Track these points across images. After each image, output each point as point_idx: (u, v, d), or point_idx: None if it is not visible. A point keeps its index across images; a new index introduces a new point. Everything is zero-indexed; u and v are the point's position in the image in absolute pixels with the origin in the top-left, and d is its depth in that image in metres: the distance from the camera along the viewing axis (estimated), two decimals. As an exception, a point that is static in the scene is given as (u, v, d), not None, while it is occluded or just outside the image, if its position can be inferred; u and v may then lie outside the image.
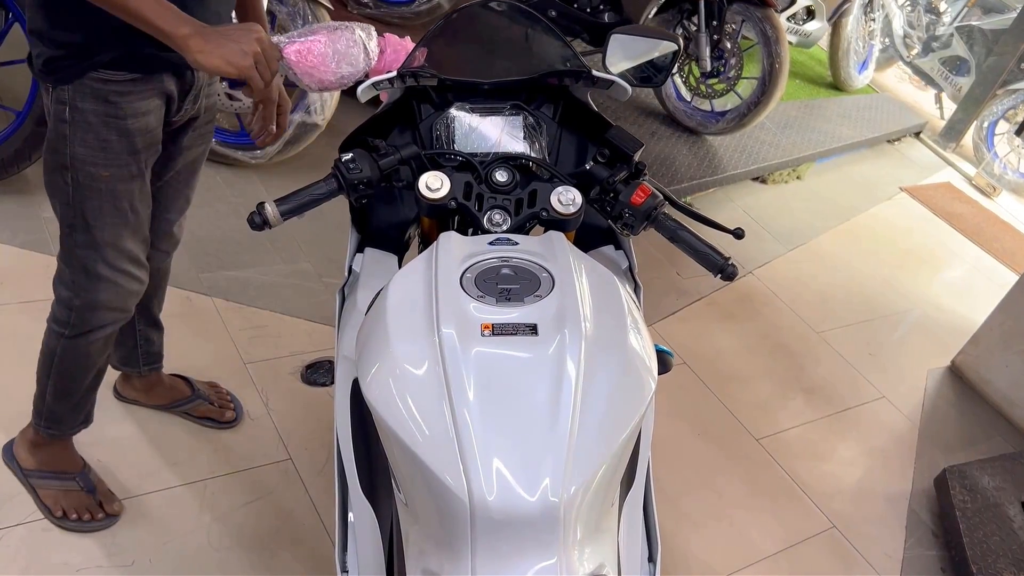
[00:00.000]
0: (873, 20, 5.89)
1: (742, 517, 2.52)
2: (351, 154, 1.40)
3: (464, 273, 1.24)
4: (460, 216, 1.50)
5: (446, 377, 1.10)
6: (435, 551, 1.10)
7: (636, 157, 1.49)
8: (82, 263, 1.64)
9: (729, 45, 4.18)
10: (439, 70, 1.55)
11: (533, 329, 1.15)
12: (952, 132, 5.84)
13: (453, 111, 1.59)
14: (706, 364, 3.11)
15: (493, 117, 1.61)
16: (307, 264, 2.91)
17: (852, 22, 5.61)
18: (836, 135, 5.04)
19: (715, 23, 4.10)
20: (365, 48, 1.51)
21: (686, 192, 4.02)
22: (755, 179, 4.43)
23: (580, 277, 1.25)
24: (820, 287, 3.80)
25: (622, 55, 1.61)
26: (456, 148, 1.57)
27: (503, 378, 1.11)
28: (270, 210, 1.37)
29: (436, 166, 1.53)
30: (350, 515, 1.47)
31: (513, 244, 1.32)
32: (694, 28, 4.13)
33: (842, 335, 3.53)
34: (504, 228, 1.43)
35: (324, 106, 3.13)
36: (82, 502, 1.92)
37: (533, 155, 1.58)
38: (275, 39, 1.44)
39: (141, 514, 2.00)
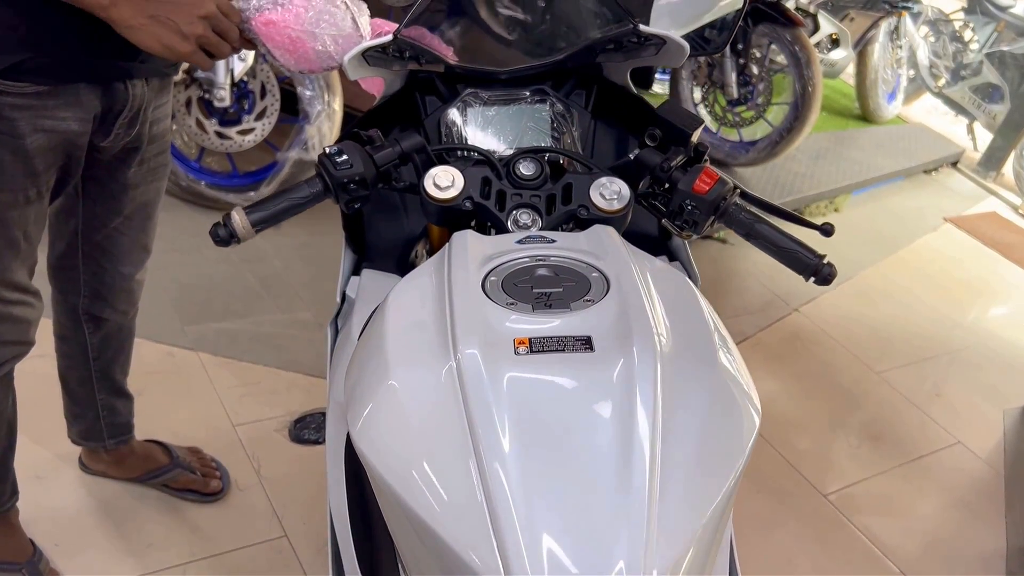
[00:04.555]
0: (900, 47, 5.63)
1: (818, 587, 2.15)
2: (339, 147, 1.11)
3: (487, 276, 0.92)
4: (478, 221, 1.20)
5: (469, 415, 0.78)
6: None
7: (695, 137, 1.19)
8: None
9: (756, 70, 3.91)
10: (445, 53, 1.27)
11: (587, 343, 0.82)
12: (992, 161, 5.53)
13: (464, 102, 1.30)
14: (758, 411, 2.75)
15: (513, 107, 1.32)
16: (306, 313, 2.60)
17: (879, 49, 5.36)
18: (872, 165, 4.74)
19: (740, 47, 3.84)
20: (355, 22, 1.22)
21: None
22: (791, 212, 4.12)
23: (643, 276, 0.93)
24: (872, 323, 3.46)
25: (670, 20, 1.31)
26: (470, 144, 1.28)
27: (549, 414, 0.79)
28: (238, 220, 1.07)
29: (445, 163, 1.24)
30: None
31: (549, 241, 1.01)
32: (718, 54, 3.87)
33: (903, 375, 3.17)
34: (534, 231, 1.12)
35: (322, 141, 2.86)
36: (28, 598, 1.59)
37: (564, 149, 1.28)
38: (242, 3, 1.16)
39: (104, 609, 1.66)
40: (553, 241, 1.01)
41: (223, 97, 2.72)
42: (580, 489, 0.75)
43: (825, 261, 1.11)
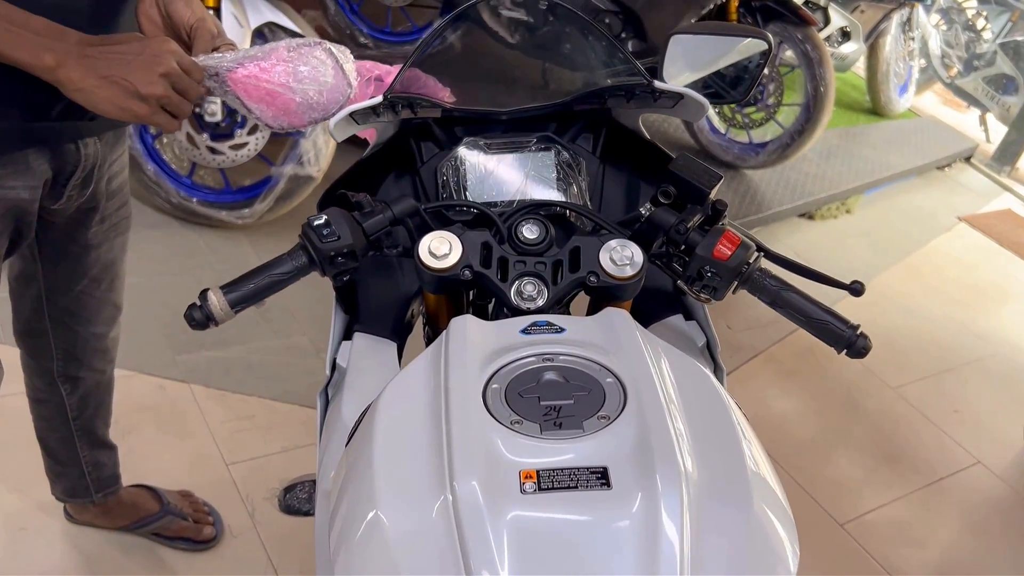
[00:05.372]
0: (912, 39, 5.49)
1: (837, 629, 2.07)
2: (324, 216, 1.01)
3: (489, 383, 0.83)
4: (478, 289, 1.11)
5: (466, 560, 0.69)
6: None
7: (713, 194, 1.09)
8: None
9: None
10: (441, 95, 1.17)
11: (603, 476, 0.73)
12: (1006, 155, 5.40)
13: (463, 150, 1.20)
14: (771, 433, 2.66)
15: (516, 155, 1.22)
16: (302, 338, 2.51)
17: (891, 42, 5.22)
18: (884, 163, 4.63)
19: (750, 46, 3.72)
20: (341, 69, 1.12)
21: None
22: (801, 215, 4.01)
23: (663, 379, 0.83)
24: (888, 334, 3.36)
25: (685, 63, 1.21)
26: (468, 197, 1.18)
27: (560, 560, 0.69)
28: (215, 300, 0.98)
29: (443, 222, 1.14)
30: None
31: (556, 331, 0.91)
32: (726, 53, 3.74)
33: (920, 390, 3.08)
34: (540, 303, 1.02)
35: (319, 155, 2.76)
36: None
37: (571, 201, 1.19)
38: (212, 61, 1.06)
39: (90, 674, 1.58)
40: (562, 330, 0.91)
41: (214, 111, 2.61)
42: None
43: (859, 332, 1.01)
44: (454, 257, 1.01)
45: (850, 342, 1.00)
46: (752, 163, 3.94)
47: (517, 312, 1.02)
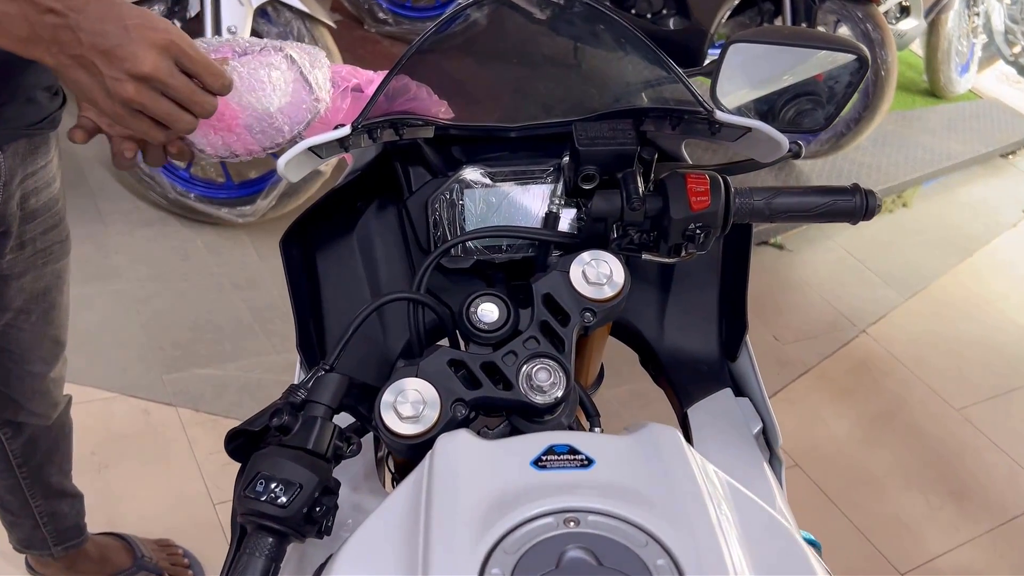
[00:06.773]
0: (977, 15, 5.10)
1: None
2: (256, 472, 0.66)
3: (488, 562, 0.58)
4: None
5: None
6: None
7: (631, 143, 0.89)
8: None
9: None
10: (436, 109, 0.92)
11: None
12: (1075, 141, 5.02)
13: (464, 177, 0.96)
14: (823, 463, 2.40)
15: (527, 186, 0.97)
16: (305, 353, 2.28)
17: (953, 17, 4.84)
18: (943, 152, 4.28)
19: (804, 25, 3.40)
20: (305, 80, 0.88)
21: (775, 231, 3.32)
22: (855, 209, 3.70)
23: (732, 554, 0.58)
24: (950, 346, 3.06)
25: (746, 79, 0.95)
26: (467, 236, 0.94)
27: None
28: None
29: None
30: None
31: (582, 464, 0.66)
32: (777, 32, 3.43)
33: (987, 412, 2.79)
34: (561, 389, 0.77)
35: (327, 148, 2.51)
36: None
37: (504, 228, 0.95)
38: None
39: None
40: (589, 463, 0.66)
41: (213, 99, 2.38)
42: None
43: (861, 190, 0.88)
44: (432, 408, 0.74)
45: (863, 208, 0.89)
46: (803, 153, 3.63)
47: (537, 410, 0.77)
